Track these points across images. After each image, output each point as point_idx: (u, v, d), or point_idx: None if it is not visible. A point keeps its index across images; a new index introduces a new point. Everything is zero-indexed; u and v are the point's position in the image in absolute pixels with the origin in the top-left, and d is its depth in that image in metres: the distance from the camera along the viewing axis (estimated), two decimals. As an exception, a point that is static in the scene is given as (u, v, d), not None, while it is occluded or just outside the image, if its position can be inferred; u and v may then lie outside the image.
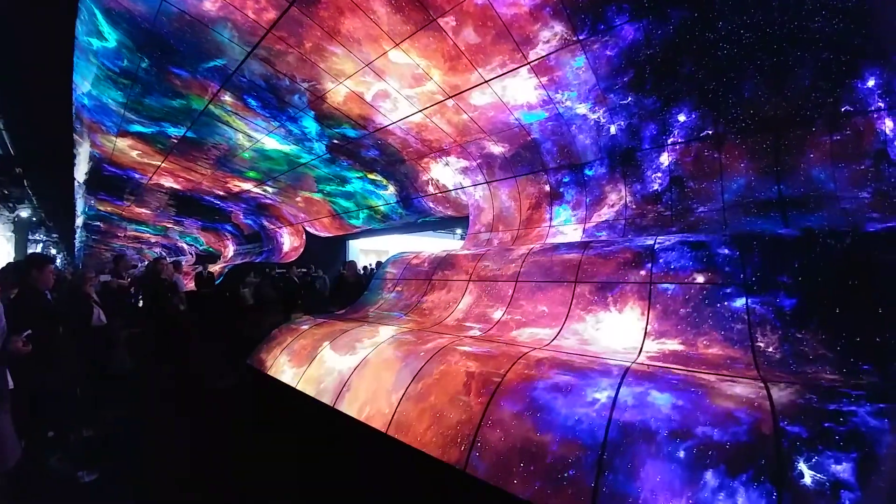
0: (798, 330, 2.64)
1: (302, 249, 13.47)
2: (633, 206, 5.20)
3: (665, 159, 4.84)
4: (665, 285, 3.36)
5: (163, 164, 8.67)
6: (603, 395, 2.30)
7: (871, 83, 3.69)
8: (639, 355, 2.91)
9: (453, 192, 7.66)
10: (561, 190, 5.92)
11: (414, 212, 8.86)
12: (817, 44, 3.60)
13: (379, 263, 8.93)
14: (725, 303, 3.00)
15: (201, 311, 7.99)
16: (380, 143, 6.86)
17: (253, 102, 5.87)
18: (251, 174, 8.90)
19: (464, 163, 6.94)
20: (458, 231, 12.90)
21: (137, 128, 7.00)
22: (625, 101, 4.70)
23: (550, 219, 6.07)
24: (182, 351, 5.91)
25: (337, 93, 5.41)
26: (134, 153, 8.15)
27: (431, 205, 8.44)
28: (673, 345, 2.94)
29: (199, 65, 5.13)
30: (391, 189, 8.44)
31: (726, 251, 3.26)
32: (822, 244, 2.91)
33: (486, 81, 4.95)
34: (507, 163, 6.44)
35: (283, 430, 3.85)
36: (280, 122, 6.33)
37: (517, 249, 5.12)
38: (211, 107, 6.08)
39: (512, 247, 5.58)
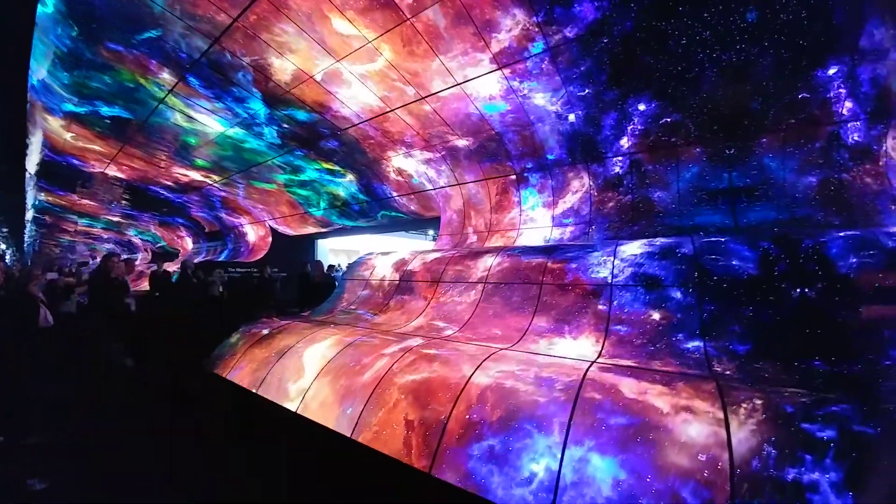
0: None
1: (267, 248, 12.87)
2: (596, 193, 5.41)
3: (625, 143, 4.92)
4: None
5: (102, 150, 7.96)
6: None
7: (832, 71, 3.75)
8: (592, 364, 2.80)
9: (416, 180, 7.45)
10: (526, 175, 5.98)
11: (376, 199, 8.55)
12: (781, 36, 3.63)
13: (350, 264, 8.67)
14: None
15: (156, 311, 7.29)
16: (338, 134, 6.49)
17: (194, 81, 5.38)
18: (200, 163, 8.30)
19: (427, 154, 6.75)
20: (431, 232, 12.61)
21: (70, 107, 6.35)
22: (583, 93, 4.64)
23: (520, 202, 6.17)
24: (137, 353, 5.55)
25: (283, 70, 5.01)
26: (68, 135, 7.42)
27: (395, 195, 8.18)
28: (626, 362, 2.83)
29: (133, 36, 4.63)
30: (350, 177, 8.07)
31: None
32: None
33: (448, 72, 4.69)
34: (471, 154, 6.31)
35: (244, 436, 3.74)
36: (225, 104, 5.86)
37: (482, 258, 4.89)
38: (148, 84, 5.55)
39: (480, 249, 5.51)
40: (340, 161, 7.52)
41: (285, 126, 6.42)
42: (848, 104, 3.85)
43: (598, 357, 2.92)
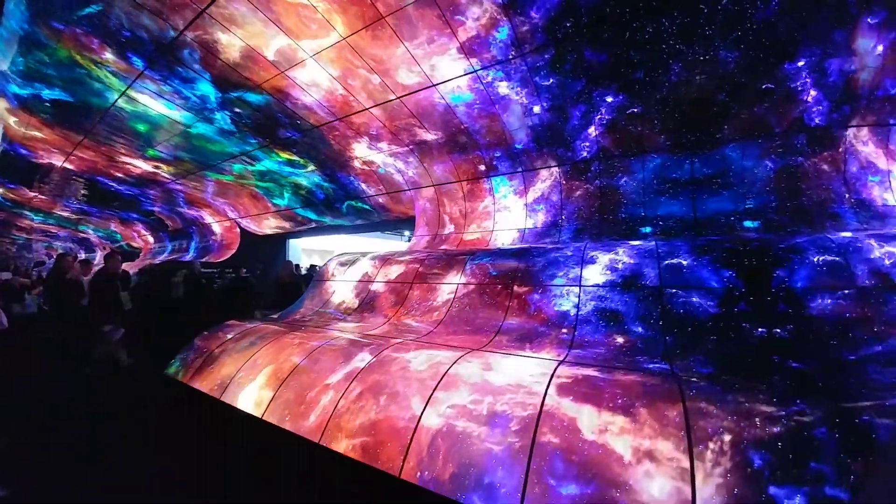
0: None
1: (238, 240, 12.39)
2: (564, 181, 5.50)
3: (592, 131, 4.94)
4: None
5: (47, 137, 7.42)
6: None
7: (801, 63, 3.82)
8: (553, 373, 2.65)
9: (382, 170, 7.27)
10: (495, 164, 5.97)
11: (341, 188, 8.24)
12: (749, 33, 3.66)
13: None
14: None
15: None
16: (299, 123, 6.22)
17: (138, 62, 5.01)
18: (151, 152, 7.81)
19: (395, 148, 6.58)
20: (407, 233, 12.41)
21: (14, 89, 5.91)
22: (547, 83, 4.59)
23: (491, 190, 6.20)
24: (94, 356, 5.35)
25: (231, 46, 4.67)
26: (11, 120, 6.90)
27: (364, 187, 7.96)
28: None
29: (73, 13, 4.32)
30: (312, 167, 7.76)
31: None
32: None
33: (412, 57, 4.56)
34: (440, 146, 6.20)
35: (208, 443, 3.59)
36: (172, 86, 5.48)
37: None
38: (90, 65, 5.18)
39: (453, 250, 5.46)
40: (301, 152, 7.20)
41: (238, 111, 6.04)
42: (813, 92, 3.95)
43: (557, 367, 2.71)
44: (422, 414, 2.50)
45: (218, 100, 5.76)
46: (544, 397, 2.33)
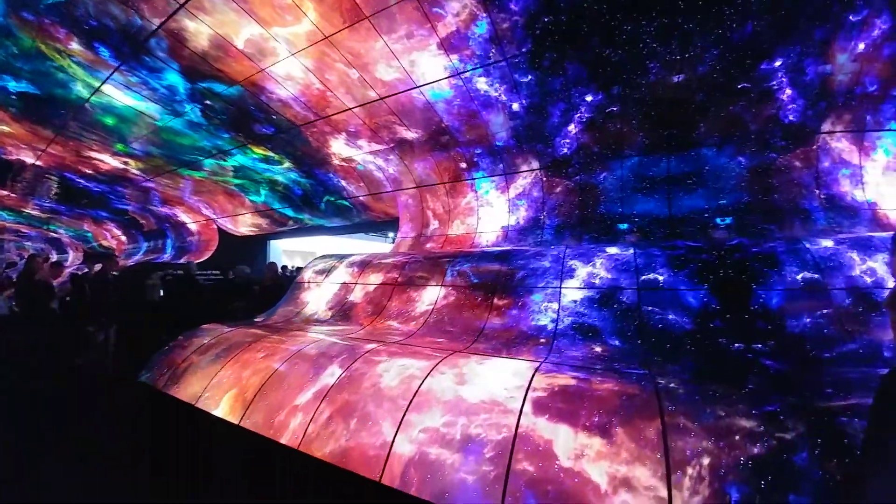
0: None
1: (216, 238, 12.01)
2: (545, 179, 5.50)
3: (572, 128, 4.95)
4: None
5: (14, 132, 7.02)
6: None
7: (777, 63, 3.86)
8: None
9: (361, 167, 7.12)
10: (476, 160, 5.94)
11: (320, 185, 8.05)
12: (729, 30, 3.67)
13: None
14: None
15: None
16: (274, 119, 5.99)
17: (105, 52, 4.76)
18: (119, 147, 7.46)
19: (376, 146, 6.46)
20: (391, 234, 12.20)
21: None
22: (526, 79, 4.55)
23: (473, 186, 6.17)
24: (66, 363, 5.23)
25: (199, 34, 4.46)
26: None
27: (343, 183, 7.77)
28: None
29: (41, 1, 4.05)
30: (287, 164, 7.51)
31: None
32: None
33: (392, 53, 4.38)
34: (420, 144, 6.11)
35: (183, 451, 3.45)
36: (140, 77, 5.22)
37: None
38: (56, 56, 4.87)
39: (436, 252, 5.42)
40: (277, 148, 6.98)
41: (209, 103, 5.80)
42: (788, 91, 4.00)
43: (533, 377, 2.60)
44: (393, 441, 2.38)
45: (187, 91, 5.52)
46: (519, 416, 2.23)
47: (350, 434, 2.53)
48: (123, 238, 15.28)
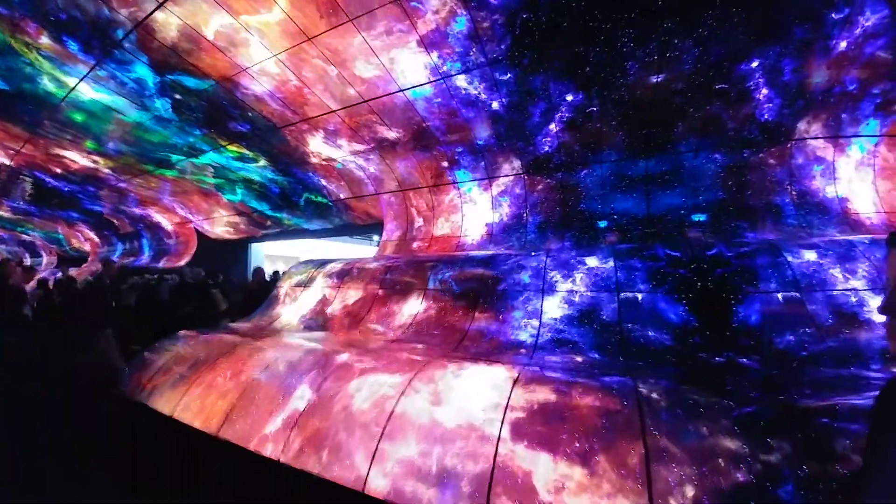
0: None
1: (195, 237, 11.68)
2: (527, 176, 5.54)
3: (553, 127, 4.95)
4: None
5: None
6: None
7: (755, 64, 3.87)
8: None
9: (340, 165, 6.96)
10: (457, 158, 5.89)
11: (299, 183, 7.83)
12: (707, 31, 3.67)
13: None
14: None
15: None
16: (249, 116, 5.82)
17: (73, 45, 4.59)
18: (88, 145, 7.17)
19: (357, 146, 6.34)
20: (375, 238, 12.04)
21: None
22: (506, 77, 4.50)
23: (456, 184, 6.15)
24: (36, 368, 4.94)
25: (168, 25, 4.29)
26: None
27: (324, 182, 7.59)
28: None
29: None
30: (263, 162, 7.27)
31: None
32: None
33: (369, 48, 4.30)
34: (402, 143, 6.02)
35: (160, 464, 3.32)
36: (108, 71, 5.03)
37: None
38: (24, 50, 4.68)
39: (421, 257, 5.39)
40: (252, 146, 6.75)
41: (179, 97, 5.57)
42: (765, 91, 4.04)
43: (512, 393, 2.50)
44: (367, 476, 2.28)
45: (157, 85, 5.31)
46: (497, 443, 2.14)
47: (322, 467, 2.44)
48: (97, 240, 14.77)
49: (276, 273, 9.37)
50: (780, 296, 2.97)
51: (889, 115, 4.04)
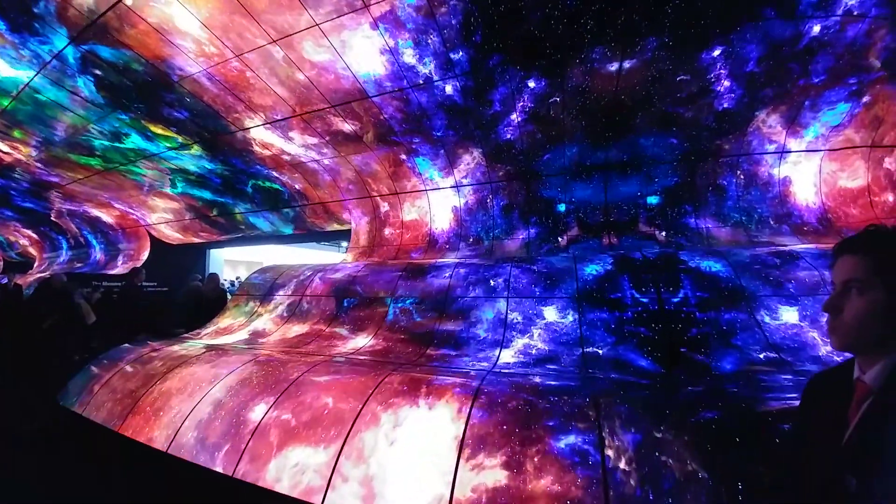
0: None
1: (145, 253, 10.87)
2: (486, 164, 5.50)
3: (515, 117, 4.86)
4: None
5: None
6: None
7: (716, 52, 3.79)
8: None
9: (287, 157, 6.51)
10: (415, 148, 5.72)
11: (242, 173, 7.23)
12: (667, 20, 3.56)
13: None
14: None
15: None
16: (187, 101, 5.30)
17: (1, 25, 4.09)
18: (17, 133, 6.44)
19: (309, 138, 5.94)
20: (343, 244, 11.54)
21: None
22: (458, 56, 4.21)
23: (416, 171, 6.02)
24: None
25: None
26: None
27: (276, 174, 7.08)
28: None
29: None
30: (196, 149, 6.58)
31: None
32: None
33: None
34: (357, 137, 5.69)
35: (104, 482, 3.13)
36: (28, 47, 4.48)
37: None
38: None
39: (386, 266, 5.29)
40: (184, 131, 6.09)
41: (98, 73, 4.93)
42: (726, 82, 4.01)
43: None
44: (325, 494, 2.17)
45: (77, 61, 4.72)
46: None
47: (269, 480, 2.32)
48: (43, 243, 13.67)
49: (236, 280, 8.74)
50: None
51: (861, 98, 3.96)
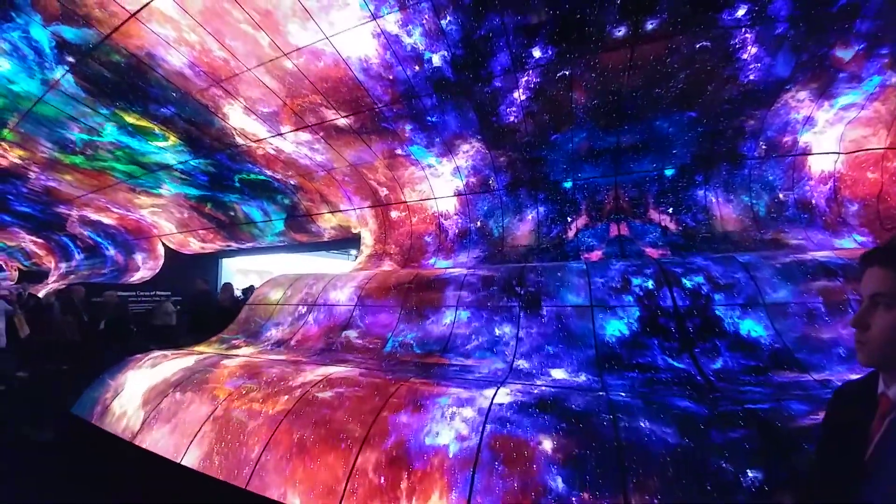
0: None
1: (158, 267, 10.98)
2: (484, 149, 5.32)
3: (518, 95, 4.54)
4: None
5: None
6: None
7: (741, 12, 3.36)
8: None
9: (273, 151, 6.33)
10: (409, 136, 5.48)
11: (224, 168, 7.00)
12: None
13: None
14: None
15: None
16: (172, 96, 5.09)
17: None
18: (8, 135, 6.25)
19: (303, 136, 5.78)
20: (353, 252, 11.52)
21: None
22: (452, 24, 3.83)
23: (412, 159, 5.85)
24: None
25: None
26: None
27: (268, 171, 6.94)
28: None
29: None
30: (173, 140, 6.24)
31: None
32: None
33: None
34: (349, 130, 5.52)
35: (118, 492, 3.18)
36: (6, 39, 4.30)
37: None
38: None
39: (394, 272, 5.22)
40: (169, 126, 5.82)
41: (77, 65, 4.70)
42: (752, 49, 3.63)
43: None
44: None
45: (52, 48, 4.47)
46: None
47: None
48: (57, 254, 13.91)
49: (250, 288, 8.74)
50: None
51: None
